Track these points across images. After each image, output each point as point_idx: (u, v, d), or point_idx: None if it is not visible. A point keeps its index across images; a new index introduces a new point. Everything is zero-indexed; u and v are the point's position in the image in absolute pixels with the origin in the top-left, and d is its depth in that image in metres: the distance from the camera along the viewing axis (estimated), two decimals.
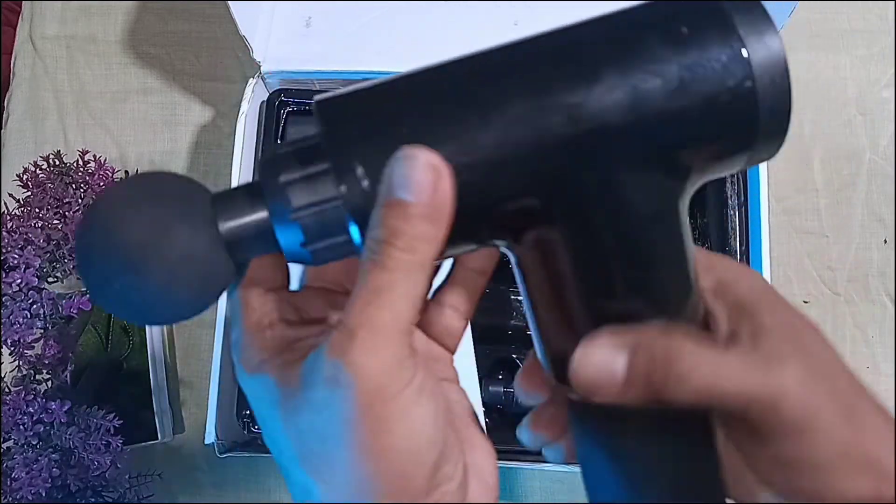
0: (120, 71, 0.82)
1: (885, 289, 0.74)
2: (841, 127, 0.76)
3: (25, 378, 0.61)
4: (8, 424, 0.58)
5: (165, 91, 0.81)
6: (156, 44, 0.82)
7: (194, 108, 0.81)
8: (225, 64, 0.81)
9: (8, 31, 0.86)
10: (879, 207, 0.75)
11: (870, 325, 0.73)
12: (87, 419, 0.59)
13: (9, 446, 0.59)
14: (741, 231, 0.64)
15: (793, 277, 0.74)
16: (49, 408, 0.58)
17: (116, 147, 0.80)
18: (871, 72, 0.77)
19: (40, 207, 0.63)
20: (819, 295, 0.74)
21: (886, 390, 0.71)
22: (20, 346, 0.59)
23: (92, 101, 0.81)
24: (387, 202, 0.24)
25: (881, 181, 0.75)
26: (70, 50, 0.83)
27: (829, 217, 0.75)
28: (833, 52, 0.78)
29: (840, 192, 0.75)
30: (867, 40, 0.78)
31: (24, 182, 0.66)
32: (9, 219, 0.62)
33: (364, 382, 0.24)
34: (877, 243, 0.75)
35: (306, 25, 0.71)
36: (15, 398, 0.58)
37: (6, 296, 0.58)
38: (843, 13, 0.79)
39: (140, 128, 0.80)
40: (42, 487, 0.56)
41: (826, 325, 0.73)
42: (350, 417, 0.24)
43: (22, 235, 0.60)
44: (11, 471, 0.57)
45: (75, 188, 0.66)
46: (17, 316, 0.58)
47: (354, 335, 0.24)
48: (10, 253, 0.59)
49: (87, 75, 0.82)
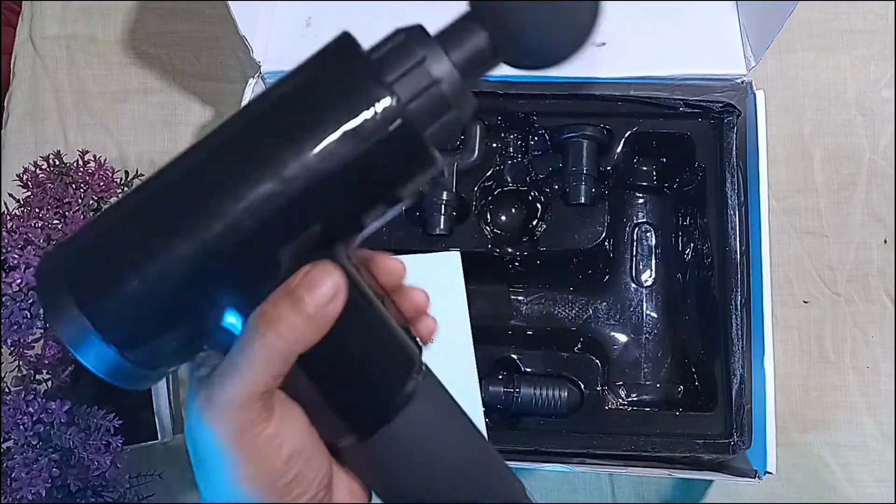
0: (120, 71, 0.82)
1: (885, 289, 0.73)
2: (841, 127, 0.76)
3: (25, 378, 0.61)
4: (8, 424, 0.57)
5: (165, 91, 0.81)
6: (156, 44, 0.82)
7: (194, 108, 0.81)
8: (225, 64, 0.81)
9: (8, 31, 0.86)
10: (879, 207, 0.75)
11: (870, 325, 0.73)
12: (87, 419, 0.59)
13: (9, 446, 0.59)
14: (741, 231, 0.64)
15: (793, 277, 0.74)
16: (49, 408, 0.58)
17: (116, 147, 0.80)
18: (871, 72, 0.77)
19: (40, 207, 0.63)
20: (819, 295, 0.74)
21: (886, 390, 0.71)
22: (20, 346, 0.59)
23: (92, 101, 0.81)
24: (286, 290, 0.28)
25: (881, 181, 0.75)
26: (70, 50, 0.83)
27: (829, 217, 0.75)
28: (833, 52, 0.78)
29: (840, 192, 0.75)
30: (867, 40, 0.78)
31: (24, 182, 0.66)
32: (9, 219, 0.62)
33: (220, 436, 0.28)
34: (877, 243, 0.75)
35: (306, 25, 0.71)
36: (15, 398, 0.58)
37: (6, 296, 0.58)
38: (843, 13, 0.79)
39: (140, 128, 0.80)
40: (42, 487, 0.56)
41: (826, 325, 0.73)
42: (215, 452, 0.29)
43: (22, 235, 0.60)
44: (11, 471, 0.57)
45: (75, 188, 0.66)
46: (17, 316, 0.58)
47: (212, 402, 0.28)
48: (10, 253, 0.59)
49: (87, 75, 0.82)
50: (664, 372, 0.69)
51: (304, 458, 0.30)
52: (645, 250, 0.72)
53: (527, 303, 0.71)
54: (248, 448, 0.28)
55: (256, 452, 0.29)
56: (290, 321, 0.28)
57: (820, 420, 0.72)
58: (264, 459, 0.29)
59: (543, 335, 0.70)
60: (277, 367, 0.28)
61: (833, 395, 0.72)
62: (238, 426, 0.28)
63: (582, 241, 0.67)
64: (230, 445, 0.28)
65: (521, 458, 0.62)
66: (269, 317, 0.28)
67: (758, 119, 0.63)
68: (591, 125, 0.67)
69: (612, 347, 0.70)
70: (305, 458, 0.30)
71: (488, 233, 0.69)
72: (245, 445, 0.28)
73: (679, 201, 0.71)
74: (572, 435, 0.63)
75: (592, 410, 0.64)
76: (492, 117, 0.69)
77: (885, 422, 0.71)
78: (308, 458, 0.30)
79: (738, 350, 0.62)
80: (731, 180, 0.65)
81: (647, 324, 0.70)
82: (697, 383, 0.67)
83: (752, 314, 0.63)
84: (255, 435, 0.28)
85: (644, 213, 0.72)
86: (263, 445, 0.29)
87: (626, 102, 0.67)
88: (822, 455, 0.71)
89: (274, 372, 0.28)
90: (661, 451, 0.62)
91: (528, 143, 0.70)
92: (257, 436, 0.28)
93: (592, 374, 0.65)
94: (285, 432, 0.29)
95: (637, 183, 0.72)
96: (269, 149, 0.27)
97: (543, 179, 0.70)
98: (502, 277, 0.70)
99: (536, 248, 0.68)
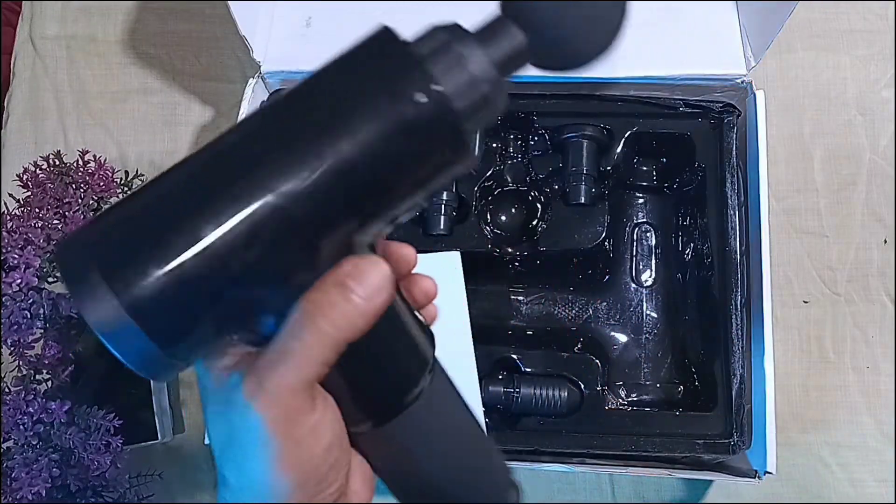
0: (120, 71, 0.82)
1: (885, 289, 0.73)
2: (841, 127, 0.76)
3: (25, 378, 0.61)
4: (8, 424, 0.57)
5: (165, 91, 0.81)
6: (156, 44, 0.82)
7: (194, 108, 0.81)
8: (225, 64, 0.81)
9: (8, 31, 0.86)
10: (879, 207, 0.75)
11: (870, 325, 0.73)
12: (87, 419, 0.59)
13: (9, 446, 0.59)
14: (741, 231, 0.64)
15: (793, 277, 0.74)
16: (49, 408, 0.58)
17: (116, 147, 0.80)
18: (871, 72, 0.77)
19: (40, 207, 0.63)
20: (819, 295, 0.74)
21: (886, 390, 0.71)
22: (20, 346, 0.59)
23: (92, 101, 0.81)
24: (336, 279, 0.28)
25: (881, 181, 0.75)
26: (70, 50, 0.83)
27: (829, 217, 0.75)
28: (833, 52, 0.78)
29: (840, 192, 0.75)
30: (867, 40, 0.78)
31: (24, 182, 0.65)
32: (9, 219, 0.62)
33: (269, 422, 0.28)
34: (877, 243, 0.75)
35: (306, 25, 0.71)
36: (15, 398, 0.58)
37: (6, 296, 0.58)
38: (843, 13, 0.79)
39: (140, 128, 0.80)
40: (42, 487, 0.56)
41: (826, 325, 0.73)
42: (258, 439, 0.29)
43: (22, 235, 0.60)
44: (11, 471, 0.57)
45: (75, 188, 0.66)
46: (17, 316, 0.58)
47: (263, 388, 0.28)
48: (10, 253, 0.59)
49: (87, 75, 0.82)
50: (664, 372, 0.69)
51: (340, 445, 0.31)
52: (645, 250, 0.72)
53: (527, 303, 0.71)
54: (292, 436, 0.28)
55: (300, 440, 0.29)
56: (342, 309, 0.28)
57: (820, 420, 0.72)
58: (307, 448, 0.29)
59: (543, 335, 0.70)
60: (328, 355, 0.28)
61: (833, 395, 0.72)
62: (287, 412, 0.28)
63: (582, 241, 0.67)
64: (277, 432, 0.28)
65: (521, 458, 0.62)
66: (320, 303, 0.28)
67: (758, 119, 0.63)
68: (591, 125, 0.67)
69: (612, 347, 0.70)
70: (341, 446, 0.31)
71: (488, 233, 0.69)
72: (290, 433, 0.28)
73: (679, 201, 0.71)
74: (572, 435, 0.63)
75: (592, 410, 0.64)
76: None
77: (885, 422, 0.71)
78: (343, 446, 0.31)
79: (738, 350, 0.62)
80: (731, 180, 0.65)
81: (647, 324, 0.70)
82: (697, 383, 0.67)
83: (752, 314, 0.63)
84: (301, 423, 0.29)
85: (644, 213, 0.72)
86: (308, 434, 0.29)
87: (626, 102, 0.68)
88: (822, 455, 0.71)
89: (324, 359, 0.28)
90: (661, 451, 0.62)
91: (528, 143, 0.70)
92: (303, 424, 0.29)
93: (592, 374, 0.65)
94: (326, 422, 0.30)
95: (637, 183, 0.72)
96: (314, 136, 0.27)
97: (543, 179, 0.70)
98: (502, 277, 0.70)
99: (536, 248, 0.68)
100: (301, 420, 0.29)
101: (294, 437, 0.29)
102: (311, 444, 0.29)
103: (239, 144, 0.28)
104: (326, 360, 0.28)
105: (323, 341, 0.28)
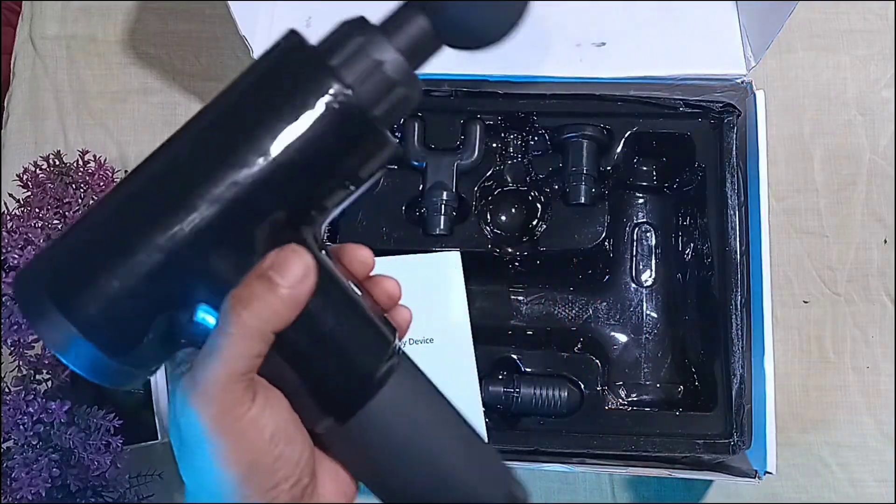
0: (120, 71, 0.82)
1: (885, 289, 0.73)
2: (841, 127, 0.76)
3: (25, 378, 0.61)
4: (8, 424, 0.57)
5: (165, 91, 0.81)
6: (156, 44, 0.82)
7: (194, 108, 0.80)
8: (225, 64, 0.81)
9: (8, 31, 0.85)
10: (879, 207, 0.75)
11: (870, 325, 0.73)
12: (87, 419, 0.59)
13: (9, 446, 0.59)
14: (741, 231, 0.64)
15: (793, 277, 0.74)
16: (49, 408, 0.58)
17: (116, 147, 0.80)
18: (871, 72, 0.77)
19: (40, 207, 0.63)
20: (819, 295, 0.74)
21: (886, 390, 0.71)
22: (20, 346, 0.59)
23: (92, 101, 0.81)
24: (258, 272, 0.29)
25: (881, 181, 0.75)
26: (70, 50, 0.83)
27: (829, 217, 0.75)
28: (833, 52, 0.78)
29: (840, 192, 0.75)
30: (867, 40, 0.78)
31: (24, 182, 0.65)
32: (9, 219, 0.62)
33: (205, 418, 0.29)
34: (877, 243, 0.75)
35: (306, 25, 0.71)
36: (15, 398, 0.58)
37: (6, 296, 0.58)
38: (843, 13, 0.78)
39: (140, 128, 0.80)
40: (42, 487, 0.56)
41: (826, 325, 0.73)
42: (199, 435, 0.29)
43: (22, 235, 0.60)
44: (11, 471, 0.57)
45: (75, 188, 0.66)
46: (17, 316, 0.58)
47: (196, 385, 0.29)
48: (10, 253, 0.59)
49: (87, 75, 0.82)
50: (664, 372, 0.69)
51: (287, 438, 0.31)
52: (645, 250, 0.72)
53: (527, 303, 0.71)
54: (231, 430, 0.29)
55: (240, 434, 0.29)
56: (264, 300, 0.29)
57: (820, 420, 0.72)
58: (248, 440, 0.29)
59: (543, 335, 0.70)
60: (256, 346, 0.29)
61: (833, 395, 0.72)
62: (222, 407, 0.29)
63: (582, 241, 0.67)
64: (214, 427, 0.29)
65: (521, 458, 0.62)
66: (243, 297, 0.29)
67: (758, 119, 0.63)
68: (591, 125, 0.67)
69: (612, 347, 0.70)
70: (287, 438, 0.31)
71: (488, 233, 0.69)
72: (229, 427, 0.29)
73: (679, 201, 0.71)
74: (572, 435, 0.63)
75: (592, 410, 0.64)
76: (492, 117, 0.69)
77: (885, 422, 0.71)
78: (290, 439, 0.31)
79: (738, 350, 0.62)
80: (731, 180, 0.65)
81: (647, 324, 0.70)
82: (697, 383, 0.67)
83: (752, 314, 0.63)
84: (239, 416, 0.29)
85: (644, 213, 0.72)
86: (247, 427, 0.29)
87: (626, 102, 0.67)
88: (822, 455, 0.71)
89: (253, 351, 0.29)
90: (661, 451, 0.62)
91: (528, 143, 0.70)
92: (240, 417, 0.29)
93: (592, 374, 0.65)
94: (268, 414, 0.30)
95: (637, 183, 0.72)
96: (226, 142, 0.29)
97: (543, 179, 0.70)
98: (502, 277, 0.70)
99: (536, 248, 0.68)
100: (238, 413, 0.29)
101: (234, 430, 0.29)
102: (253, 437, 0.29)
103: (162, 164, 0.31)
104: (256, 353, 0.29)
105: (249, 333, 0.28)
